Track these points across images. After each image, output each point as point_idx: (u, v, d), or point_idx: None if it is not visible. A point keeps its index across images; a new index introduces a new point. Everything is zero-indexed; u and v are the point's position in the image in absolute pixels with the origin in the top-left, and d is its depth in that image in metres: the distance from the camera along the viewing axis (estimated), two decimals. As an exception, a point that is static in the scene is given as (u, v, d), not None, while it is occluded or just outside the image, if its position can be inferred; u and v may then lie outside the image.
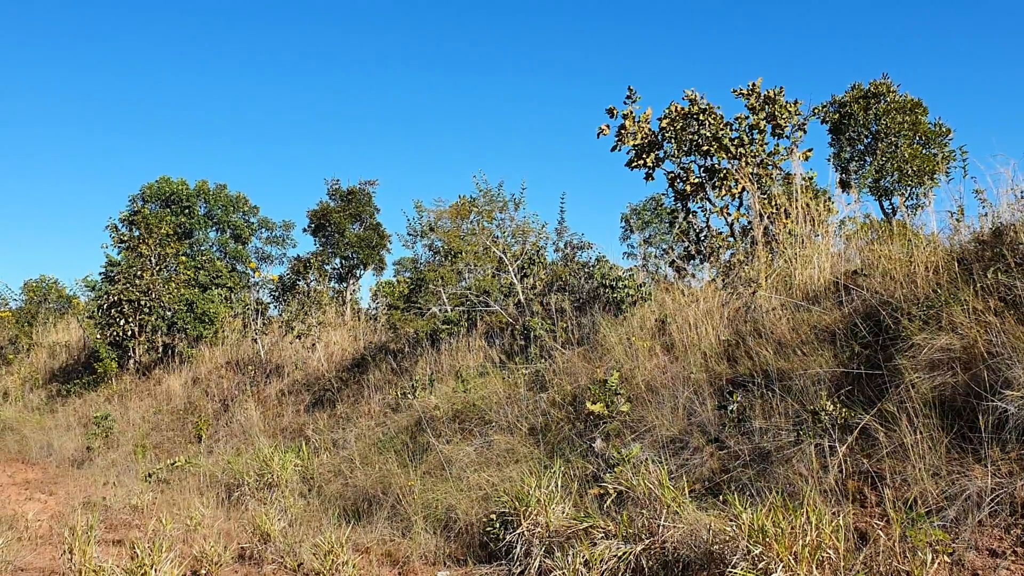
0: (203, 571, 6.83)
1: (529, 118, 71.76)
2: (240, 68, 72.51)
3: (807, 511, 4.87)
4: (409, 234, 17.59)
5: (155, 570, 6.12)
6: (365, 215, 19.31)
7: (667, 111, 10.99)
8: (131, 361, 17.54)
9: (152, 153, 64.42)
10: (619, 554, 5.86)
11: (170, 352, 17.27)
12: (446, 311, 12.14)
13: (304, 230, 19.60)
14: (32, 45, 67.44)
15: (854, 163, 16.18)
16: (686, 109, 10.91)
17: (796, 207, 9.18)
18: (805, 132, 10.93)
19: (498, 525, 6.73)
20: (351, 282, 19.45)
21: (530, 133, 71.15)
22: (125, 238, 18.99)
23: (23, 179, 67.88)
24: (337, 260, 19.31)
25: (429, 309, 12.54)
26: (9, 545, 7.30)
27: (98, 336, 17.39)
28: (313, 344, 14.47)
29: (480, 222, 13.44)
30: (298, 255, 18.89)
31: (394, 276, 23.98)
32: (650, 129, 11.08)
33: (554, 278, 11.27)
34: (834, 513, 5.16)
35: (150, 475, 10.75)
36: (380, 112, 75.09)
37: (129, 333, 17.18)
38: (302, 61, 77.08)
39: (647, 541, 5.88)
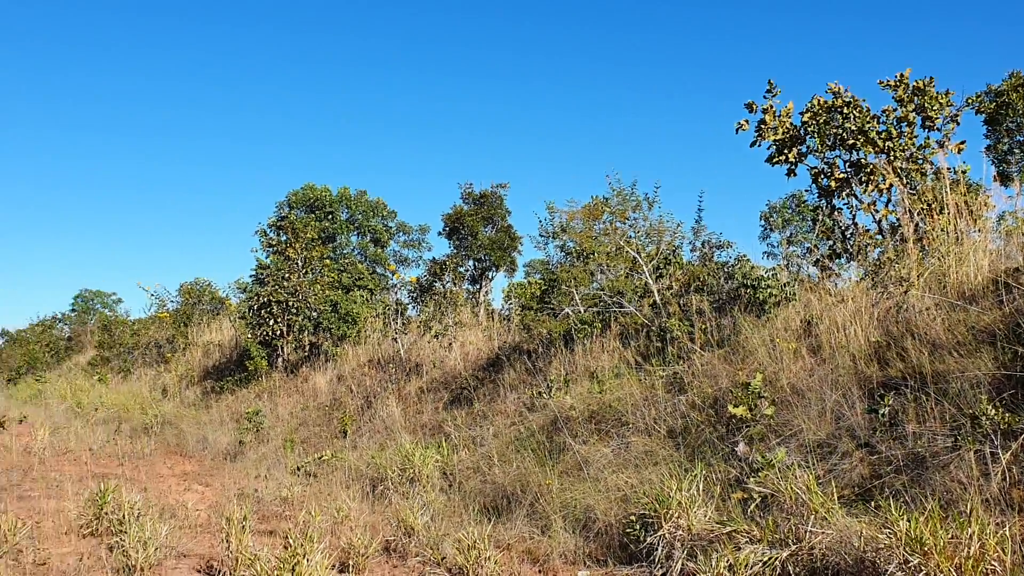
0: (351, 562, 7.09)
1: (663, 115, 70.96)
2: (380, 79, 74.94)
3: (971, 520, 4.63)
4: (541, 235, 17.72)
5: (307, 560, 6.40)
6: (497, 218, 19.59)
7: (809, 104, 10.65)
8: (279, 359, 18.41)
9: (298, 161, 67.60)
10: (764, 559, 5.74)
11: (316, 351, 18.03)
12: (579, 312, 12.17)
13: (439, 233, 20.08)
14: (198, 65, 71.91)
15: (1014, 154, 15.19)
16: (829, 102, 10.54)
17: (949, 202, 8.72)
18: (958, 124, 10.35)
19: (638, 527, 6.70)
20: (484, 284, 19.77)
21: (662, 132, 70.32)
22: (273, 242, 19.95)
23: (182, 189, 72.41)
24: (470, 262, 19.66)
25: (562, 310, 12.59)
26: (172, 532, 7.78)
27: (249, 335, 18.36)
28: (450, 344, 14.80)
29: (613, 222, 13.39)
30: (434, 257, 19.34)
31: (525, 278, 24.22)
32: (791, 124, 10.77)
33: (691, 278, 11.11)
34: (998, 524, 4.89)
35: (299, 468, 11.26)
36: (513, 115, 75.98)
37: (278, 333, 18.05)
38: (439, 69, 78.93)
39: (794, 547, 5.74)
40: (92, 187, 78.06)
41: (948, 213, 8.65)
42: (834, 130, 10.46)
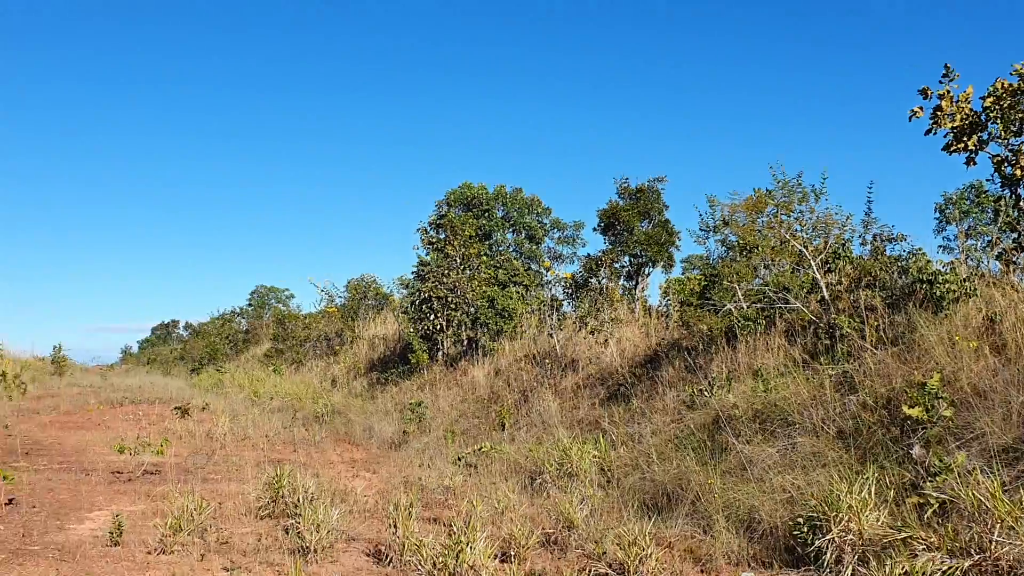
0: (512, 552, 7.19)
1: (827, 102, 68.03)
2: (536, 82, 75.74)
3: None
4: (701, 230, 17.35)
5: (470, 548, 6.54)
6: (653, 212, 19.32)
7: (991, 88, 9.88)
8: (439, 353, 18.93)
9: (457, 161, 69.47)
10: (944, 568, 5.41)
11: (473, 345, 18.43)
12: (742, 308, 11.83)
13: (594, 229, 20.01)
14: (370, 77, 75.21)
15: None
16: (1015, 85, 9.75)
17: None
18: None
19: (806, 529, 6.45)
20: (640, 279, 19.56)
21: (826, 120, 67.41)
22: (433, 240, 20.53)
23: (351, 189, 75.86)
24: (626, 258, 19.50)
25: (724, 306, 12.27)
26: (343, 516, 8.13)
27: (411, 330, 18.99)
28: (606, 340, 14.75)
29: (777, 215, 12.90)
30: (588, 253, 19.34)
31: (683, 273, 23.80)
32: (971, 109, 10.04)
33: (862, 273, 10.56)
34: None
35: (459, 459, 11.52)
36: (672, 107, 74.96)
37: (438, 327, 18.57)
38: (593, 65, 78.89)
39: (977, 557, 5.38)
40: (268, 190, 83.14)
41: None
42: (1020, 115, 9.68)
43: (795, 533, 6.57)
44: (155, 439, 14.12)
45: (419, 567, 6.63)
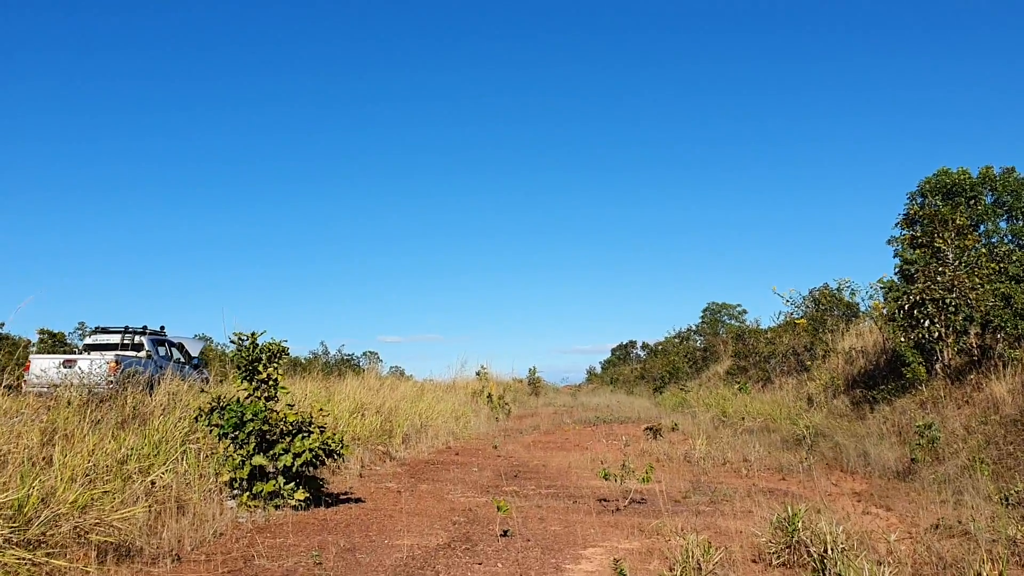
0: None
1: None
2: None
3: None
4: None
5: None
6: None
7: None
8: (937, 364, 16.12)
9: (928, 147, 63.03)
10: None
11: (986, 354, 15.33)
12: None
13: None
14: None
15: None
16: None
17: None
18: None
19: None
20: None
21: None
22: (917, 235, 17.75)
23: (797, 193, 72.68)
24: None
25: None
26: (874, 570, 6.51)
27: (901, 339, 16.44)
28: None
29: None
30: None
31: None
32: None
33: None
34: None
35: (1006, 498, 9.14)
36: None
37: (935, 335, 15.81)
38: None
39: None
40: (692, 206, 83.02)
41: None
42: None
43: None
44: (636, 464, 13.68)
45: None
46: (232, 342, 9.32)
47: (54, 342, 30.50)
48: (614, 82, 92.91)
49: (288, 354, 9.48)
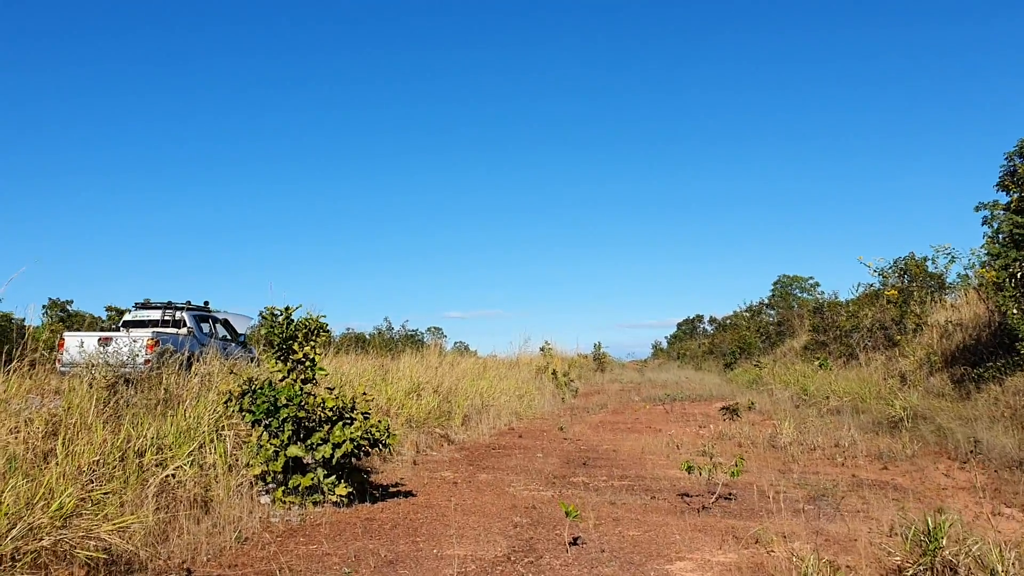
0: None
1: None
2: None
3: None
4: None
5: None
6: None
7: None
8: (1056, 340, 14.36)
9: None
10: None
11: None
12: None
13: None
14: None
15: None
16: None
17: None
18: None
19: None
20: None
21: None
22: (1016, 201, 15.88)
23: (874, 161, 69.63)
24: None
25: None
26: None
27: (1014, 311, 14.71)
28: None
29: None
30: None
31: None
32: None
33: None
34: None
35: None
36: None
37: (1053, 306, 14.06)
38: None
39: None
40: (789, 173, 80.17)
41: None
42: None
43: None
44: (717, 450, 12.36)
45: None
46: (264, 317, 8.25)
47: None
48: (687, 51, 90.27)
49: (327, 330, 8.39)
